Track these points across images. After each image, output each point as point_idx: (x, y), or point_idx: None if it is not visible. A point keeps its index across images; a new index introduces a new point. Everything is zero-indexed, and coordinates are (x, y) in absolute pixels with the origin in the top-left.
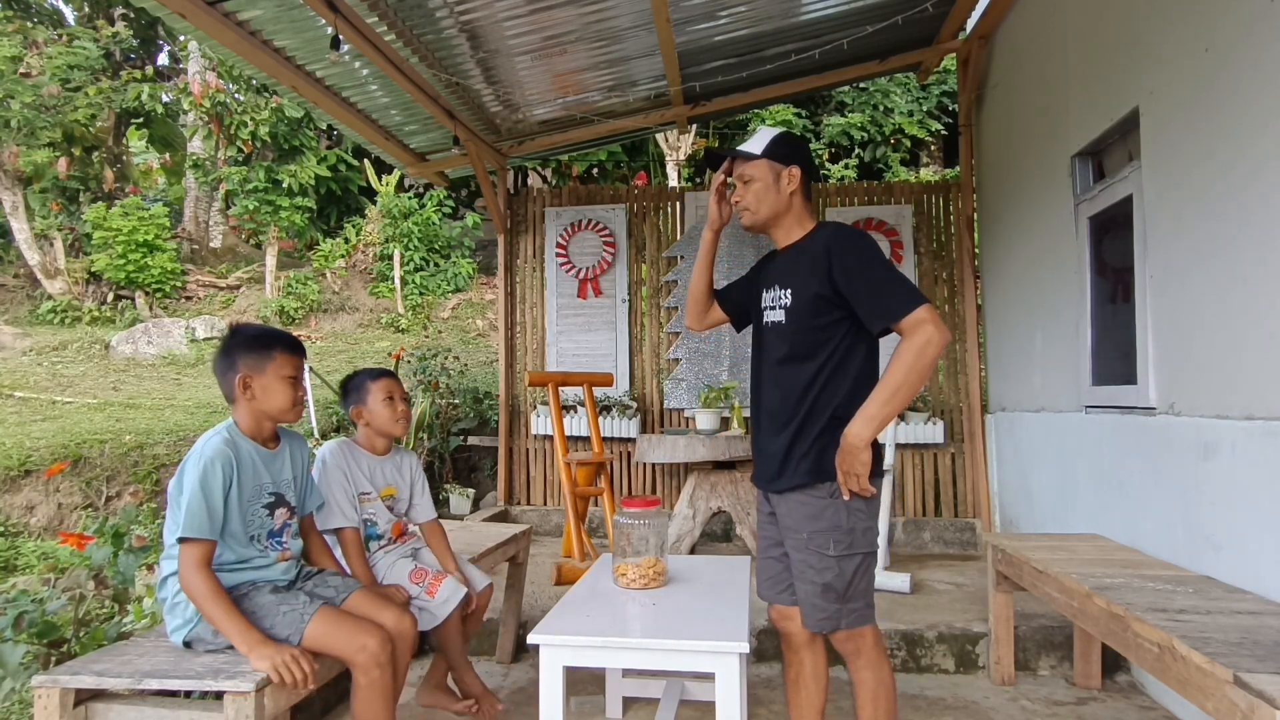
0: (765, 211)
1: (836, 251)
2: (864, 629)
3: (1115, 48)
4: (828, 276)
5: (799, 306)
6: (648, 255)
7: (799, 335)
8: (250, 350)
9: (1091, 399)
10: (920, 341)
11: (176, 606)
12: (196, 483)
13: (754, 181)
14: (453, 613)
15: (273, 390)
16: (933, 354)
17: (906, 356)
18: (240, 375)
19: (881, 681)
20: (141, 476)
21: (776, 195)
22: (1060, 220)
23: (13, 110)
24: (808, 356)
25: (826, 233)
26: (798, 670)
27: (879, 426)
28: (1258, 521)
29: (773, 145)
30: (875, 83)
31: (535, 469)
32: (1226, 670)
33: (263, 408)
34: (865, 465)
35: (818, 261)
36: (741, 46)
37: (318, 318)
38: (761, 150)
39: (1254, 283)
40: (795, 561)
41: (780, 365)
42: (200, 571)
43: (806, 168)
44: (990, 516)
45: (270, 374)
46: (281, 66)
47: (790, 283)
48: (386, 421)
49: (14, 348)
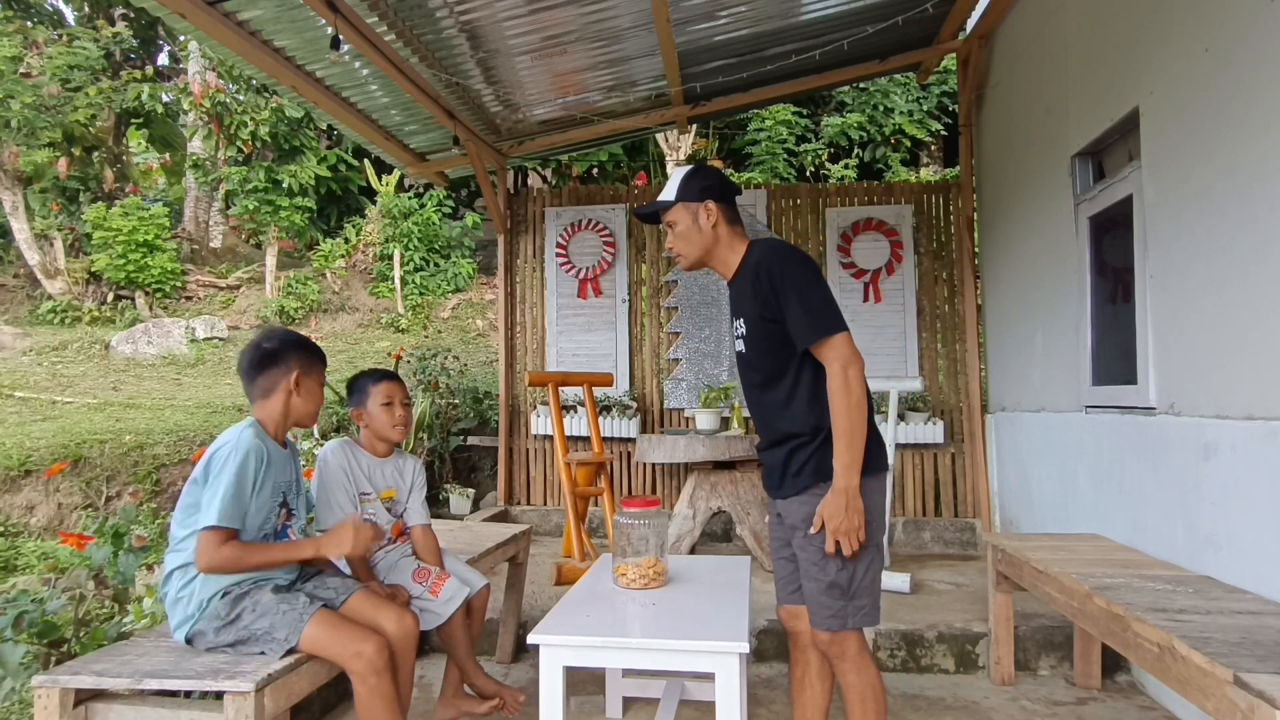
0: (695, 251)
1: (764, 270)
2: (847, 631)
3: (1115, 48)
4: (769, 299)
5: (753, 333)
6: (648, 255)
7: (761, 361)
8: (304, 353)
9: (1091, 399)
10: (839, 377)
11: (179, 602)
12: (233, 473)
13: (678, 225)
14: (456, 612)
15: (313, 395)
16: (855, 383)
17: (838, 399)
18: (295, 374)
19: (869, 684)
20: (141, 476)
21: (700, 233)
22: (1060, 220)
23: (13, 110)
24: (776, 379)
25: (758, 253)
26: (804, 670)
27: (857, 467)
28: (1258, 521)
29: (682, 186)
30: (875, 83)
31: (535, 469)
32: (1226, 670)
33: (301, 409)
34: (862, 513)
35: (757, 280)
36: (741, 46)
37: (318, 318)
38: (675, 195)
39: (1254, 282)
40: (802, 560)
41: (756, 391)
42: (225, 547)
43: (720, 196)
44: (990, 516)
45: (314, 379)
46: (281, 66)
47: (742, 311)
48: (384, 426)
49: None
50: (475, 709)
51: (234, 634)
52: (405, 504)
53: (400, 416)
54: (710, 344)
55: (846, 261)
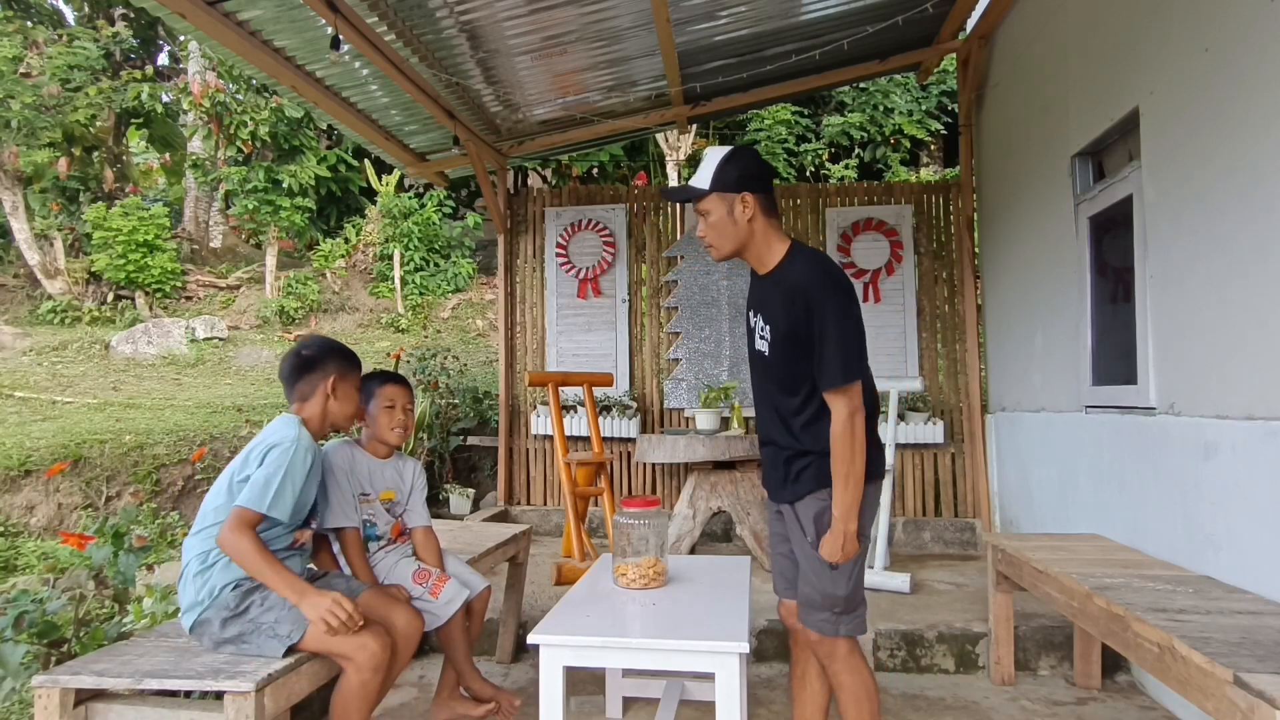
0: (729, 245)
1: (803, 293)
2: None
3: (1115, 48)
4: (801, 322)
5: (776, 342)
6: (648, 255)
7: (780, 369)
8: (340, 359)
9: (1091, 399)
10: (846, 424)
11: (193, 582)
12: (284, 465)
13: (710, 215)
14: (455, 614)
15: (349, 400)
16: (860, 430)
17: (842, 445)
18: (333, 378)
19: (862, 684)
20: (141, 476)
21: (735, 226)
22: (1060, 220)
23: (13, 110)
24: (792, 389)
25: (801, 268)
26: (804, 667)
27: (856, 509)
28: (1258, 521)
29: (719, 172)
30: (875, 83)
31: (535, 469)
32: (1226, 670)
33: (338, 411)
34: (856, 547)
35: (794, 301)
36: (741, 46)
37: (318, 318)
38: (710, 183)
39: (1254, 282)
40: (803, 566)
41: (770, 391)
42: (249, 532)
43: (758, 187)
44: (990, 516)
45: (350, 384)
46: (281, 66)
47: (770, 316)
48: (383, 429)
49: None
50: (471, 712)
51: (238, 627)
52: (405, 505)
53: (401, 421)
54: (710, 344)
55: (846, 261)
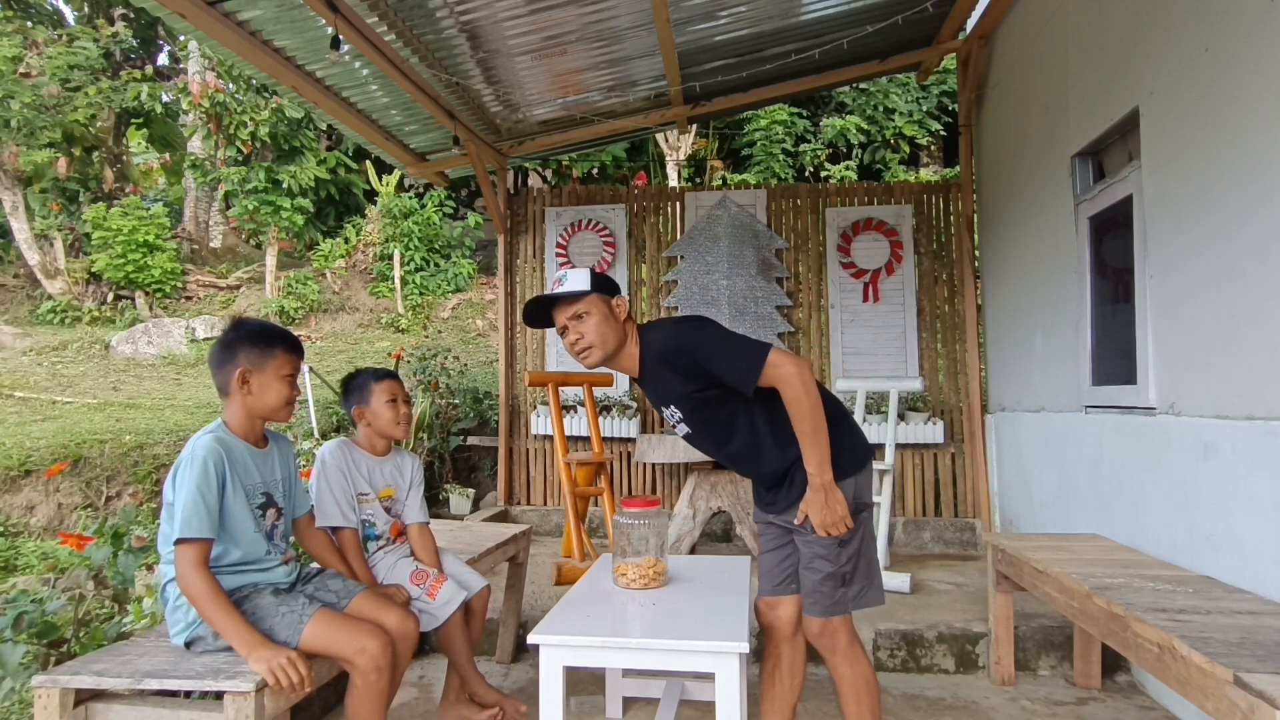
0: (611, 343)
1: (675, 352)
2: (834, 620)
3: (1115, 48)
4: (693, 366)
5: (691, 409)
6: (648, 255)
7: (710, 428)
8: (253, 345)
9: (1091, 399)
10: (790, 386)
11: (178, 610)
12: (192, 482)
13: (592, 315)
14: (453, 614)
15: (270, 388)
16: (809, 386)
17: (797, 407)
18: (240, 370)
19: (861, 676)
20: (141, 476)
21: (615, 324)
22: (1060, 220)
23: (13, 110)
24: (732, 432)
25: (656, 341)
26: (775, 663)
27: (827, 461)
28: (1258, 521)
29: (594, 279)
30: (875, 83)
31: (535, 469)
32: (1226, 670)
33: (259, 404)
34: (843, 503)
35: (673, 367)
36: (741, 46)
37: (318, 318)
38: (589, 284)
39: (1254, 282)
40: (804, 554)
41: (721, 450)
42: (198, 571)
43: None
44: (990, 516)
45: (270, 371)
46: (281, 66)
47: (669, 399)
48: (388, 423)
49: (14, 348)
50: (475, 717)
51: None
52: (404, 502)
53: (404, 414)
54: None
55: (846, 261)
